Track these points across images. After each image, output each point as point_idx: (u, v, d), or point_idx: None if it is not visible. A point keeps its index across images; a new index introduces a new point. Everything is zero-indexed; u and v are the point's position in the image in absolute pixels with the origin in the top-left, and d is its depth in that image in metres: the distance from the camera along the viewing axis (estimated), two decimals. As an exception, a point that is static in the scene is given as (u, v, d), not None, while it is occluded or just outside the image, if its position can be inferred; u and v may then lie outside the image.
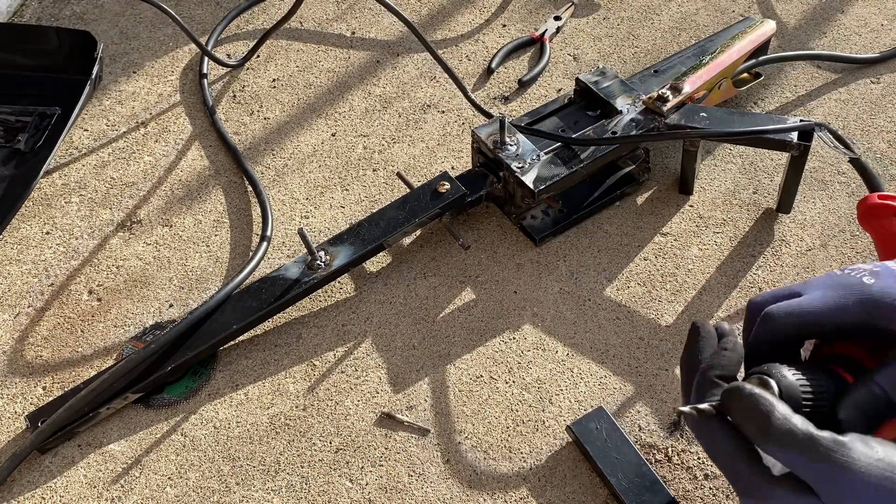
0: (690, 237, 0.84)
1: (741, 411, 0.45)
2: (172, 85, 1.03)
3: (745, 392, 0.45)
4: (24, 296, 0.83)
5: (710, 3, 1.09)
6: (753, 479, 0.46)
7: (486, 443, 0.71)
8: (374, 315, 0.80)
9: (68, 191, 0.92)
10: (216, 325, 0.76)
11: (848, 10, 1.07)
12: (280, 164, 0.94)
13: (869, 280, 0.50)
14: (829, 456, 0.43)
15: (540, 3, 1.11)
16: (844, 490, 0.44)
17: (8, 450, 0.72)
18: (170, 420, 0.74)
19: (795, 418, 0.44)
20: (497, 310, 0.80)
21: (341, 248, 0.80)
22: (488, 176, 0.84)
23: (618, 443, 0.68)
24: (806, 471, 0.44)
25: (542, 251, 0.84)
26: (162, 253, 0.86)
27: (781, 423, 0.44)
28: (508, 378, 0.75)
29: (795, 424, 0.44)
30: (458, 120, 0.97)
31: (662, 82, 0.88)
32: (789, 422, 0.44)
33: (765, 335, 0.52)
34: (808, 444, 0.44)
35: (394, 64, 1.04)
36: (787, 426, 0.44)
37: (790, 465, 0.45)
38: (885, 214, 0.69)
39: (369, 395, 0.74)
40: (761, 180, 0.89)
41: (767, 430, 0.44)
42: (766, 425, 0.44)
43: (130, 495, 0.69)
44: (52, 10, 1.13)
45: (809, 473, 0.44)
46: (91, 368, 0.77)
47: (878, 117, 0.94)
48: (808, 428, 0.44)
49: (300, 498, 0.69)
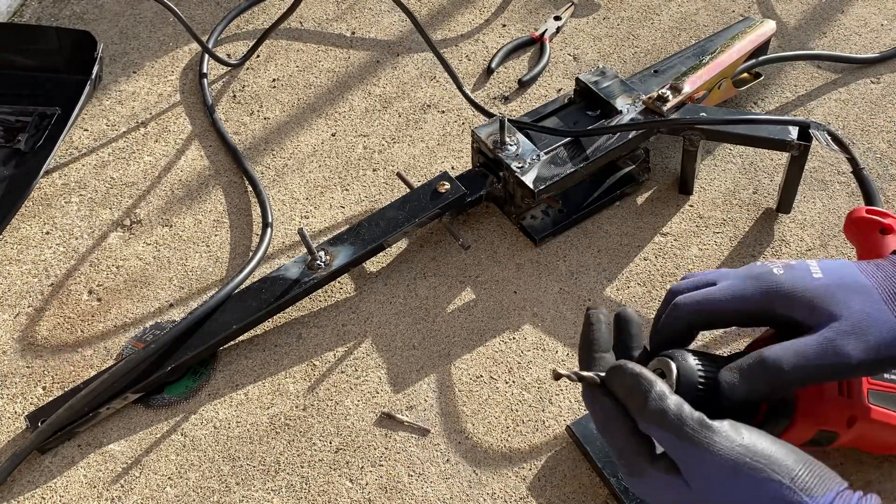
0: (690, 237, 0.84)
1: (623, 387, 0.48)
2: (172, 85, 1.04)
3: (628, 370, 0.48)
4: (24, 296, 0.83)
5: (710, 3, 1.09)
6: (634, 456, 0.48)
7: (486, 443, 0.71)
8: (374, 315, 0.80)
9: (68, 191, 0.92)
10: (216, 325, 0.76)
11: (848, 10, 1.07)
12: (280, 164, 0.94)
13: (779, 271, 0.53)
14: (692, 436, 0.46)
15: (540, 3, 1.11)
16: (703, 470, 0.46)
17: (8, 450, 0.72)
18: (170, 420, 0.74)
19: (671, 399, 0.47)
20: (497, 310, 0.80)
21: (341, 248, 0.80)
22: (488, 176, 0.84)
23: (618, 443, 0.68)
24: (673, 449, 0.47)
25: (542, 251, 0.84)
26: (162, 253, 0.86)
27: (656, 401, 0.47)
28: (508, 378, 0.75)
29: (668, 404, 0.47)
30: (458, 120, 0.97)
31: (662, 82, 0.88)
32: (664, 402, 0.47)
33: (672, 322, 0.55)
34: (676, 424, 0.46)
35: (394, 64, 1.04)
36: (661, 405, 0.47)
37: (662, 442, 0.47)
38: (871, 229, 0.70)
39: (369, 395, 0.74)
40: (761, 180, 0.89)
41: (643, 406, 0.47)
42: (642, 402, 0.47)
43: (130, 495, 0.69)
44: (52, 10, 1.13)
45: (676, 452, 0.47)
46: (91, 368, 0.77)
47: (878, 117, 0.94)
48: (680, 409, 0.46)
49: (300, 498, 0.69)
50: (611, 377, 0.49)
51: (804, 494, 0.44)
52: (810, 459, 0.46)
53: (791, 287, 0.52)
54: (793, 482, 0.44)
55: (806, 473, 0.45)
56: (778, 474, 0.45)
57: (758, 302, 0.52)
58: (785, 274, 0.53)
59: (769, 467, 0.45)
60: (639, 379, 0.48)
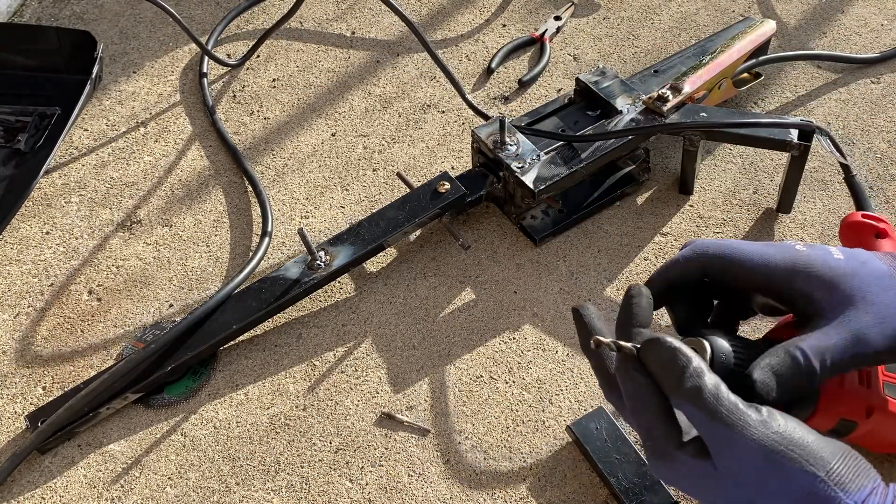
0: (690, 237, 0.84)
1: (659, 361, 0.46)
2: (172, 85, 1.04)
3: (665, 343, 0.46)
4: (24, 296, 0.83)
5: (710, 3, 1.09)
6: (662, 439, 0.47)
7: (486, 443, 0.71)
8: (374, 315, 0.80)
9: (68, 191, 0.92)
10: (216, 325, 0.76)
11: (848, 10, 1.07)
12: (280, 164, 0.94)
13: (801, 247, 0.52)
14: (726, 417, 0.44)
15: (540, 3, 1.11)
16: (734, 454, 0.45)
17: (8, 450, 0.72)
18: (170, 420, 0.74)
19: (708, 377, 0.45)
20: (497, 310, 0.80)
21: (341, 248, 0.80)
22: (488, 176, 0.84)
23: (618, 443, 0.68)
24: (705, 429, 0.45)
25: (542, 251, 0.84)
26: (162, 253, 0.86)
27: (693, 378, 0.45)
28: (508, 378, 0.75)
29: (706, 382, 0.45)
30: (458, 120, 0.97)
31: (662, 82, 0.88)
32: (701, 378, 0.45)
33: (686, 260, 0.53)
34: (711, 403, 0.45)
35: (394, 64, 1.04)
36: (697, 383, 0.45)
37: (693, 420, 0.46)
38: (866, 234, 0.71)
39: (369, 395, 0.74)
40: (761, 180, 0.89)
41: (680, 382, 0.45)
42: (679, 377, 0.45)
43: (130, 495, 0.69)
44: (52, 10, 1.13)
45: (708, 433, 0.45)
46: (91, 368, 0.77)
47: (878, 117, 0.94)
48: (717, 388, 0.45)
49: (300, 498, 0.69)
50: (646, 350, 0.47)
51: (839, 489, 0.43)
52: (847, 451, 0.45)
53: (814, 262, 0.51)
54: (828, 475, 0.43)
55: (842, 467, 0.44)
56: (812, 466, 0.43)
57: (782, 270, 0.51)
58: (808, 251, 0.52)
59: (804, 457, 0.44)
60: (676, 353, 0.46)
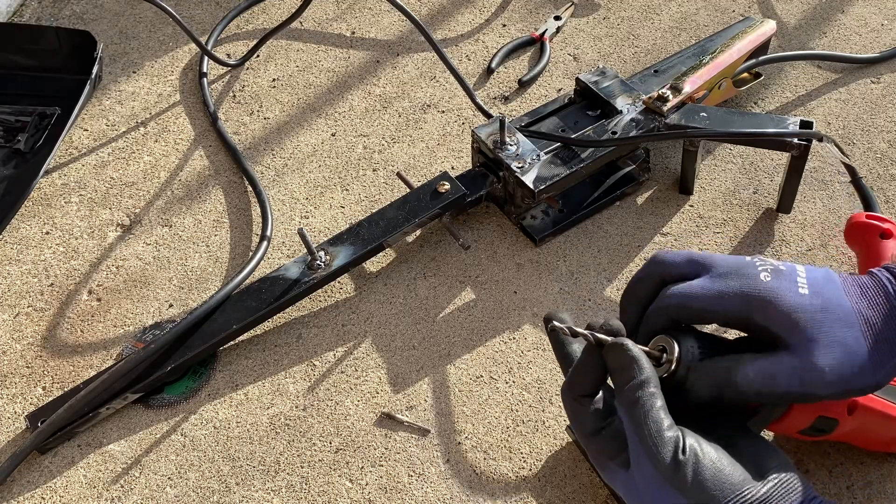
0: (690, 237, 0.84)
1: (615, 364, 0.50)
2: (172, 85, 1.04)
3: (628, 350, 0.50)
4: (24, 296, 0.83)
5: (710, 3, 1.09)
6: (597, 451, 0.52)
7: (486, 443, 0.71)
8: (374, 315, 0.80)
9: (68, 191, 0.92)
10: (216, 325, 0.76)
11: (848, 10, 1.07)
12: (280, 164, 0.94)
13: (766, 277, 0.52)
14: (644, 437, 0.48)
15: (540, 3, 1.11)
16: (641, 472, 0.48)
17: (8, 450, 0.72)
18: (170, 420, 0.74)
19: (648, 392, 0.49)
20: (497, 310, 0.80)
21: (341, 248, 0.80)
22: (488, 176, 0.84)
23: (618, 443, 0.68)
24: (630, 438, 0.49)
25: (542, 251, 0.84)
26: (162, 253, 0.86)
27: (633, 389, 0.49)
28: (508, 378, 0.75)
29: (642, 396, 0.49)
30: (458, 120, 0.97)
31: (662, 82, 0.88)
32: (642, 391, 0.49)
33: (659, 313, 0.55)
34: (638, 417, 0.48)
35: (394, 64, 1.04)
36: (636, 395, 0.49)
37: (626, 427, 0.50)
38: (871, 234, 0.71)
39: (369, 395, 0.74)
40: (761, 180, 0.89)
41: (621, 389, 0.50)
42: (624, 384, 0.50)
43: (130, 495, 0.69)
44: (51, 10, 1.13)
45: (630, 443, 0.49)
46: (91, 368, 0.77)
47: (878, 117, 0.94)
48: (651, 406, 0.48)
49: (300, 498, 0.69)
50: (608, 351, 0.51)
51: None
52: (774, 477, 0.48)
53: (773, 298, 0.51)
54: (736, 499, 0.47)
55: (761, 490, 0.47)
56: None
57: (737, 309, 0.52)
58: (772, 282, 0.52)
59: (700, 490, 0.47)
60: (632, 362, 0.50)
